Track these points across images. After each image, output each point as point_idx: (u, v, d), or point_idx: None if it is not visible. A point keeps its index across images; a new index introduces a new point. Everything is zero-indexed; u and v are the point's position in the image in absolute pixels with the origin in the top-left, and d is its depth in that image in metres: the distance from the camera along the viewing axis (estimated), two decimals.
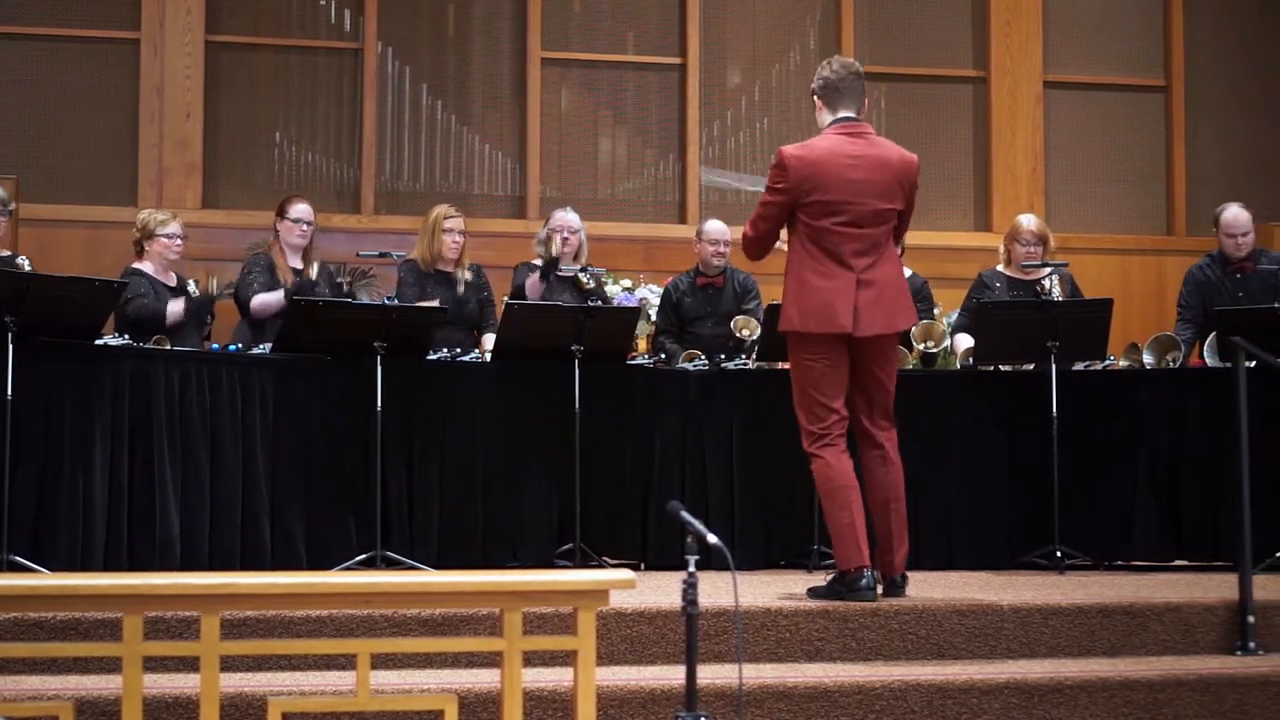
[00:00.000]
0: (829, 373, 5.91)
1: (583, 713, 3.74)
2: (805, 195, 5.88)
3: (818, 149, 5.95)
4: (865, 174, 5.92)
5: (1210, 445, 7.69)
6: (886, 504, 6.01)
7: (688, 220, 11.21)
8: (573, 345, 7.48)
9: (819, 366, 5.91)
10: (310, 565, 7.13)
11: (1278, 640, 5.78)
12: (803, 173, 5.89)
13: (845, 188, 5.88)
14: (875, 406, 6.04)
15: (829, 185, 5.87)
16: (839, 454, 5.90)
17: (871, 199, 5.91)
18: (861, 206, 5.89)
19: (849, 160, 5.92)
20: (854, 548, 5.82)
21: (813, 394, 5.93)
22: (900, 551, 6.01)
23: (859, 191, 5.89)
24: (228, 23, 11.11)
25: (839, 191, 5.87)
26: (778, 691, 5.02)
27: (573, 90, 11.62)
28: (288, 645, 5.05)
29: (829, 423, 5.90)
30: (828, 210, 5.87)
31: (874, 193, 5.92)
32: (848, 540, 5.83)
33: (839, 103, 6.05)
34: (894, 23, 11.95)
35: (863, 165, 5.93)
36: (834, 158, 5.91)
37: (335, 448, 7.29)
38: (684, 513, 4.37)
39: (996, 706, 5.15)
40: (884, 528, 6.01)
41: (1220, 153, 12.22)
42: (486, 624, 5.28)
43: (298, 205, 8.15)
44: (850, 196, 5.88)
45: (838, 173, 5.88)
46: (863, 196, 5.89)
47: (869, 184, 5.91)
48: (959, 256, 10.88)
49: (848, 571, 5.83)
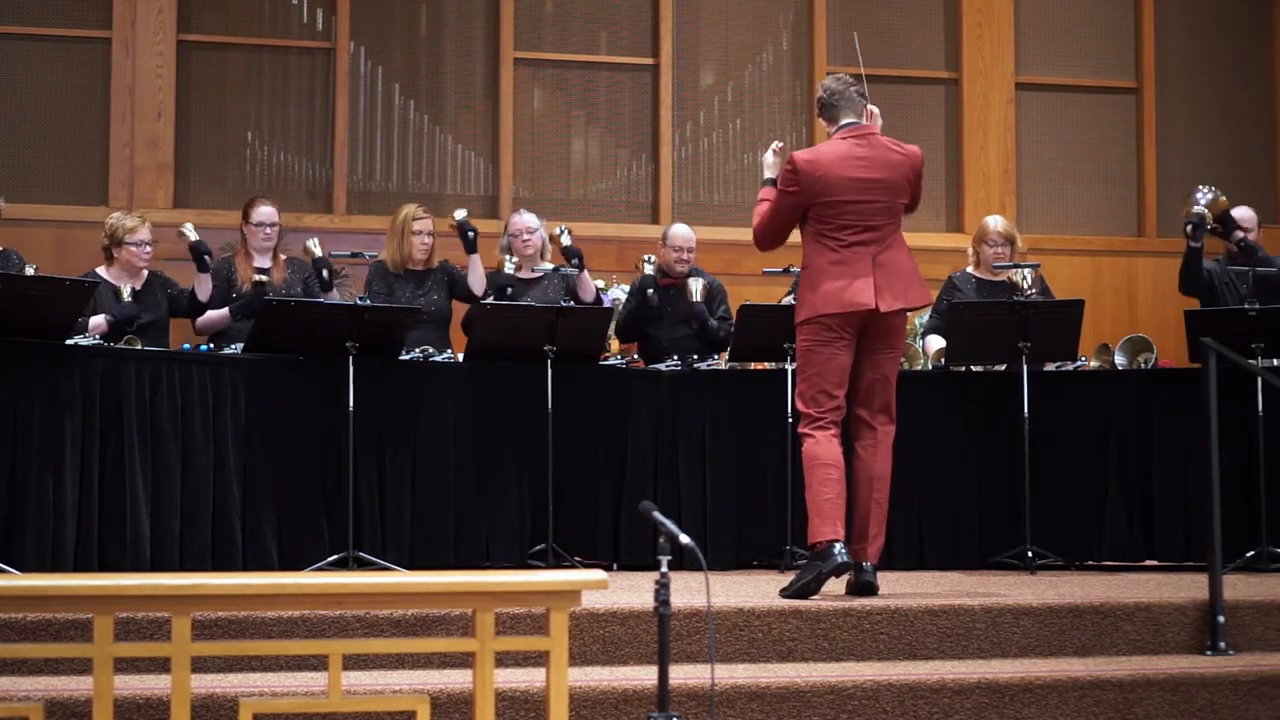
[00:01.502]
0: (836, 360, 6.09)
1: (555, 713, 3.74)
2: (816, 197, 6.12)
3: (826, 153, 6.23)
4: (872, 174, 6.16)
5: (1181, 446, 7.73)
6: (870, 490, 6.14)
7: (660, 221, 11.20)
8: (545, 345, 7.48)
9: (827, 352, 6.08)
10: (282, 566, 7.12)
11: (1248, 640, 5.81)
12: (813, 175, 6.12)
13: (854, 188, 6.12)
14: (877, 399, 6.20)
15: (838, 187, 6.11)
16: (830, 436, 6.08)
17: (879, 197, 6.15)
18: (870, 205, 6.13)
19: (856, 162, 6.16)
20: (830, 521, 5.96)
21: (819, 381, 6.10)
22: (876, 542, 6.12)
23: (867, 191, 6.13)
24: (199, 22, 11.07)
25: (848, 192, 6.11)
26: (750, 692, 5.03)
27: (545, 91, 11.61)
28: (259, 646, 5.04)
29: (827, 408, 6.10)
30: (838, 211, 6.11)
31: (882, 191, 6.16)
32: (826, 513, 5.98)
33: (840, 114, 6.30)
34: (866, 24, 11.93)
35: (869, 166, 6.17)
36: (841, 161, 6.16)
37: (307, 448, 7.28)
38: (656, 513, 4.37)
39: (968, 706, 5.16)
40: (863, 514, 6.13)
41: (1191, 154, 12.27)
42: (459, 624, 5.27)
43: (260, 208, 8.12)
44: (859, 196, 6.11)
45: (845, 175, 6.12)
46: (871, 195, 6.13)
47: (877, 183, 6.16)
48: (931, 257, 10.86)
49: (818, 544, 5.95)
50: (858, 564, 6.04)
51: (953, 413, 7.98)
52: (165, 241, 8.69)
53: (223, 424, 7.13)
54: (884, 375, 6.19)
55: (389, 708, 4.09)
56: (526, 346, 7.49)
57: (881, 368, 6.18)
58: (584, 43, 11.65)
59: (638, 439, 7.77)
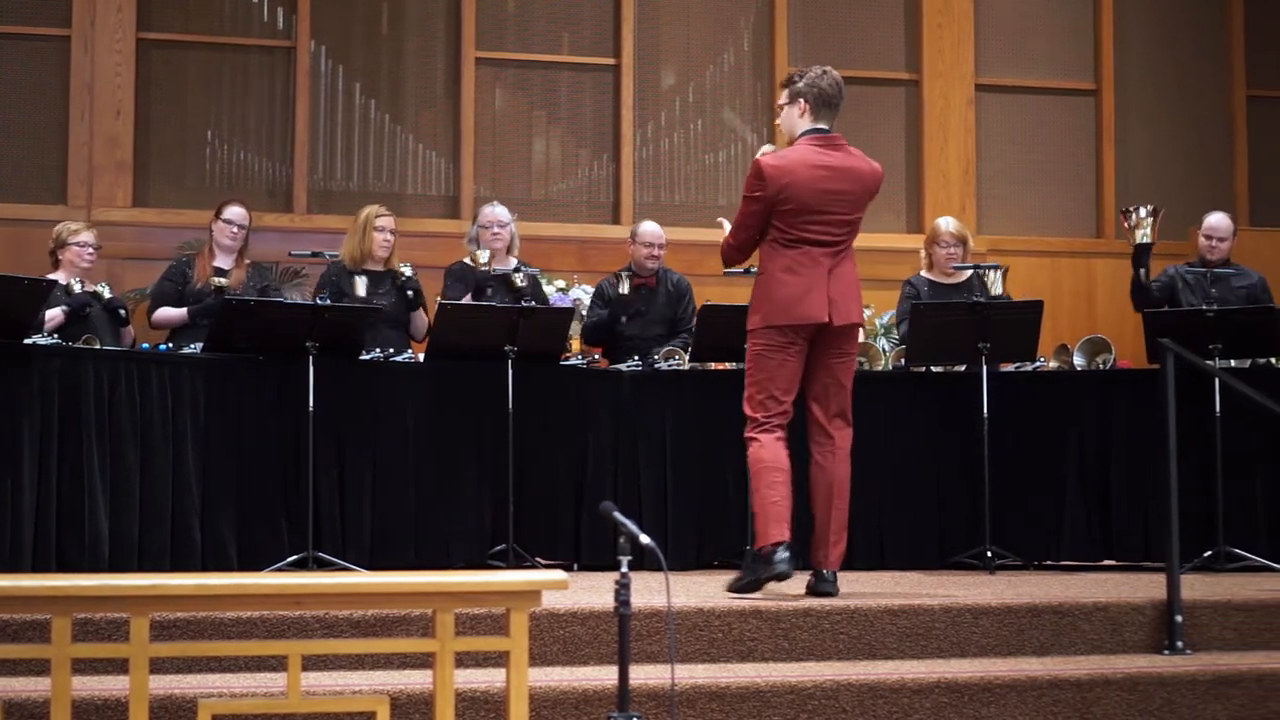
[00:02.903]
0: (787, 366, 6.07)
1: (515, 713, 3.74)
2: (781, 203, 6.06)
3: (792, 159, 6.14)
4: (838, 184, 6.10)
5: (1139, 446, 7.77)
6: (830, 497, 6.13)
7: (622, 221, 11.21)
8: (506, 345, 7.47)
9: (778, 359, 6.06)
10: (241, 566, 7.09)
11: (1205, 639, 5.84)
12: (779, 181, 6.06)
13: (818, 197, 6.06)
14: (833, 404, 6.17)
15: (802, 194, 6.05)
16: (775, 440, 6.06)
17: (841, 208, 6.11)
18: (832, 215, 6.09)
19: (823, 171, 6.10)
20: (775, 523, 5.97)
21: (768, 387, 6.08)
22: (836, 548, 6.11)
23: (831, 200, 6.08)
24: (159, 20, 11.02)
25: (812, 200, 6.05)
26: (710, 691, 5.03)
27: (507, 90, 11.60)
28: (218, 647, 5.02)
29: (774, 413, 6.07)
30: (801, 217, 6.06)
31: (844, 201, 6.12)
32: (771, 515, 5.98)
33: (822, 115, 6.21)
34: (828, 25, 11.99)
35: (836, 176, 6.11)
36: (808, 168, 6.09)
37: (267, 448, 7.25)
38: (617, 513, 4.37)
39: (927, 706, 5.17)
40: (823, 521, 6.13)
41: (1149, 156, 12.34)
42: (419, 625, 5.26)
43: (231, 208, 8.21)
44: (822, 205, 6.07)
45: (811, 182, 6.07)
46: (834, 205, 6.09)
47: (840, 194, 6.11)
48: (891, 258, 10.94)
49: (763, 548, 5.95)
50: (818, 570, 6.06)
51: (912, 413, 8.01)
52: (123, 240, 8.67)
53: (182, 424, 7.10)
54: (839, 381, 6.17)
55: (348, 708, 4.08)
56: (487, 346, 7.48)
57: (836, 373, 6.16)
58: (545, 43, 11.65)
59: (599, 439, 7.77)
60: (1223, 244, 8.30)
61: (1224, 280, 8.21)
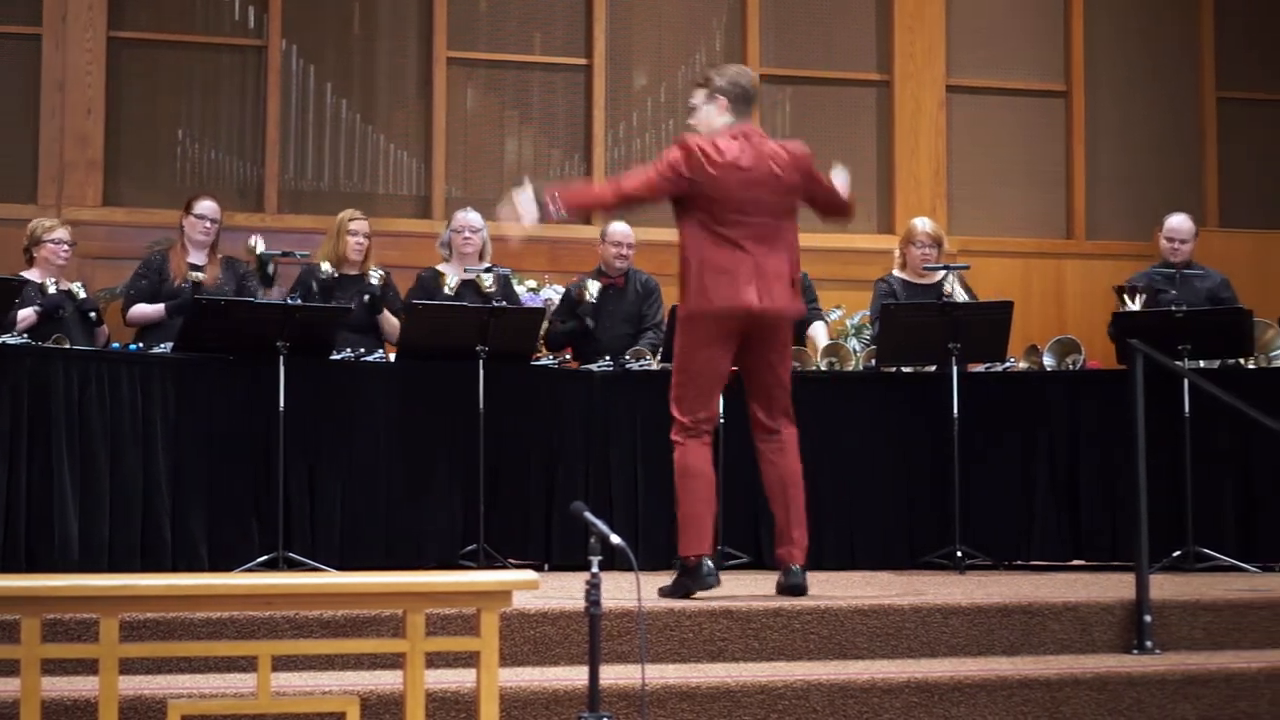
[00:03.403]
0: (714, 363, 6.01)
1: (485, 714, 3.74)
2: (702, 186, 5.99)
3: (720, 145, 6.06)
4: (761, 172, 6.04)
5: (1108, 446, 7.80)
6: (785, 491, 6.10)
7: (592, 221, 11.21)
8: (477, 345, 7.47)
9: (705, 355, 6.00)
10: (212, 566, 7.08)
11: (1174, 639, 5.86)
12: (705, 166, 5.99)
13: (742, 187, 6.00)
14: (774, 403, 6.13)
15: (727, 184, 5.99)
16: (701, 445, 6.01)
17: (766, 192, 6.04)
18: (757, 202, 6.02)
19: (747, 160, 6.04)
20: (697, 537, 5.94)
21: (696, 383, 6.02)
22: (800, 544, 6.08)
23: (755, 188, 6.02)
24: (130, 18, 10.99)
25: (736, 189, 6.00)
26: (680, 692, 5.03)
27: (479, 90, 11.60)
28: (188, 647, 5.00)
29: (700, 418, 6.02)
30: (724, 204, 6.00)
31: (770, 189, 6.05)
32: (692, 529, 5.95)
33: (740, 112, 6.17)
34: (799, 26, 12.01)
35: (760, 164, 6.05)
36: (734, 157, 6.03)
37: (237, 448, 7.24)
38: (587, 513, 4.38)
39: (897, 705, 5.18)
40: (782, 516, 6.11)
41: (1119, 158, 12.39)
42: (389, 625, 5.25)
43: (203, 202, 8.14)
44: (746, 191, 6.01)
45: (736, 172, 6.01)
46: (759, 192, 6.02)
47: (765, 182, 6.04)
48: (862, 259, 10.97)
49: (687, 562, 5.94)
50: (785, 567, 6.05)
51: (883, 413, 8.03)
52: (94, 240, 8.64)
53: (152, 423, 7.09)
54: (779, 378, 6.12)
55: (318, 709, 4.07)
56: (458, 346, 7.48)
57: (775, 370, 6.11)
58: (518, 43, 11.65)
59: (570, 439, 7.77)
60: (1184, 245, 8.34)
61: (1187, 281, 8.25)
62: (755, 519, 7.64)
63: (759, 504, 7.55)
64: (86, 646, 4.02)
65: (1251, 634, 5.96)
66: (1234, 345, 7.79)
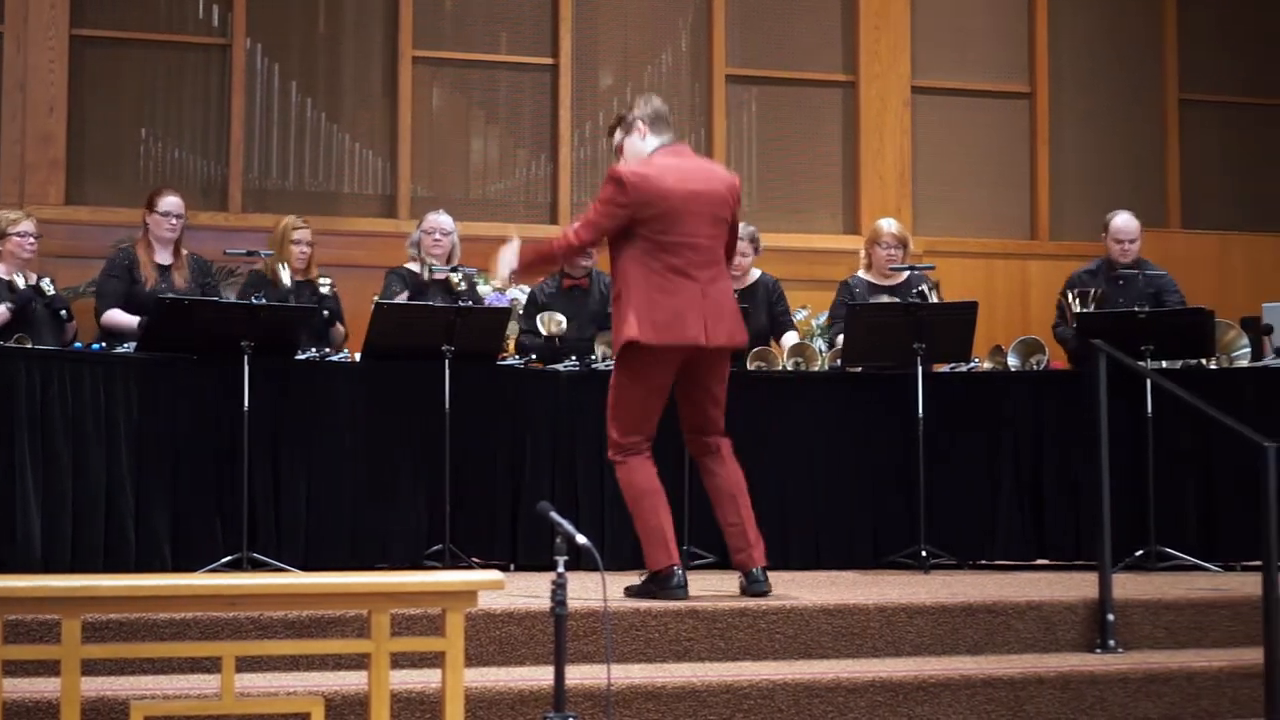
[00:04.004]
0: (656, 391, 6.05)
1: (450, 714, 3.74)
2: (645, 209, 5.99)
3: (654, 166, 6.09)
4: (699, 185, 6.08)
5: (1072, 446, 7.83)
6: (734, 498, 6.13)
7: (559, 221, 11.21)
8: (443, 345, 7.45)
9: (648, 385, 6.02)
10: (175, 567, 7.05)
11: (1137, 638, 5.90)
12: (642, 189, 6.00)
13: (684, 200, 6.01)
14: (709, 422, 6.18)
15: (669, 199, 6.00)
16: (643, 460, 6.06)
17: (707, 208, 6.06)
18: (699, 216, 6.03)
19: (681, 175, 6.07)
20: (663, 548, 5.96)
21: (636, 409, 6.04)
22: (758, 546, 6.11)
23: (696, 201, 6.04)
24: (93, 17, 10.93)
25: (678, 203, 6.00)
26: (646, 691, 5.04)
27: (444, 90, 11.58)
28: (151, 648, 4.99)
29: (639, 439, 6.05)
30: (669, 224, 5.99)
31: (709, 202, 6.07)
32: (657, 542, 5.97)
33: (661, 129, 6.19)
34: (765, 26, 12.03)
35: (696, 178, 6.09)
36: (669, 173, 6.06)
37: (201, 448, 7.21)
38: (553, 513, 4.38)
39: (862, 704, 5.20)
40: (735, 524, 6.13)
41: (1083, 159, 12.45)
42: (354, 626, 5.25)
43: (167, 198, 8.04)
44: (689, 208, 6.02)
45: (676, 186, 6.02)
46: (700, 206, 6.04)
47: (704, 195, 6.07)
48: (827, 259, 10.99)
49: (659, 571, 5.95)
50: (747, 571, 6.07)
51: (848, 413, 8.04)
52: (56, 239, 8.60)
53: (115, 423, 7.05)
54: (716, 400, 6.15)
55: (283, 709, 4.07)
56: (424, 346, 7.46)
57: (714, 393, 6.14)
58: (483, 42, 11.63)
59: (536, 439, 7.76)
60: (1133, 245, 8.37)
61: (1131, 281, 8.27)
62: None
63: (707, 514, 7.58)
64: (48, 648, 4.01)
65: (1213, 633, 6.00)
66: (1196, 346, 7.83)
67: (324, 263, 8.60)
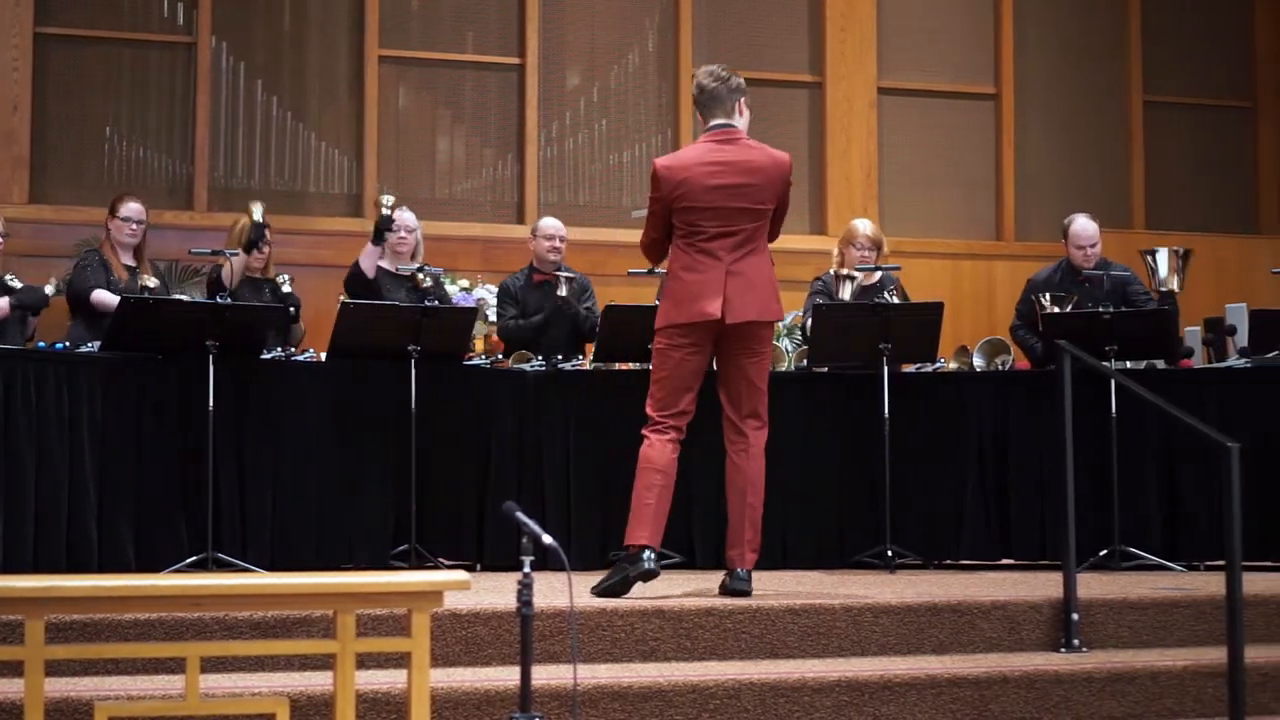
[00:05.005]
0: (686, 365, 6.13)
1: (416, 715, 3.73)
2: (677, 201, 6.12)
3: (686, 158, 6.24)
4: (732, 178, 6.14)
5: (1037, 447, 7.86)
6: (743, 495, 6.17)
7: (526, 221, 11.20)
8: (409, 345, 7.44)
9: (677, 357, 6.12)
10: (139, 567, 7.02)
11: (1101, 637, 5.92)
12: (672, 180, 6.13)
13: (712, 193, 6.10)
14: (744, 404, 6.21)
15: (696, 191, 6.10)
16: (665, 441, 6.12)
17: (738, 201, 6.13)
18: (727, 209, 6.12)
19: (716, 166, 6.14)
20: (644, 527, 6.04)
21: (667, 384, 6.15)
22: (751, 548, 6.15)
23: (726, 195, 6.12)
24: (58, 15, 10.88)
25: (706, 196, 6.10)
26: (612, 691, 5.04)
27: (411, 89, 11.56)
28: (115, 649, 4.97)
29: (670, 413, 6.13)
30: (696, 213, 6.12)
31: (741, 196, 6.14)
32: (643, 518, 6.06)
33: (712, 111, 6.26)
34: (732, 27, 12.04)
35: (730, 170, 6.15)
36: (701, 165, 6.15)
37: (166, 448, 7.18)
38: (519, 513, 4.37)
39: (828, 704, 5.21)
40: (738, 520, 6.18)
41: (1048, 160, 12.50)
42: (320, 626, 5.23)
43: (128, 204, 8.04)
44: (717, 200, 6.11)
45: (704, 178, 6.12)
46: (730, 199, 6.12)
47: (735, 188, 6.13)
48: (794, 259, 10.99)
49: (630, 546, 6.02)
50: (732, 570, 6.10)
51: (814, 413, 8.05)
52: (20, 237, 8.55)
53: (79, 423, 7.01)
54: (750, 380, 6.19)
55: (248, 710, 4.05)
56: (390, 345, 7.45)
57: (746, 373, 6.19)
58: (450, 41, 11.62)
59: (502, 439, 7.75)
60: (1094, 250, 8.38)
61: (1096, 282, 8.29)
62: (689, 520, 7.65)
63: (695, 505, 7.59)
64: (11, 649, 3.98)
65: (1176, 632, 6.03)
66: (1160, 346, 7.87)
67: (290, 262, 8.60)
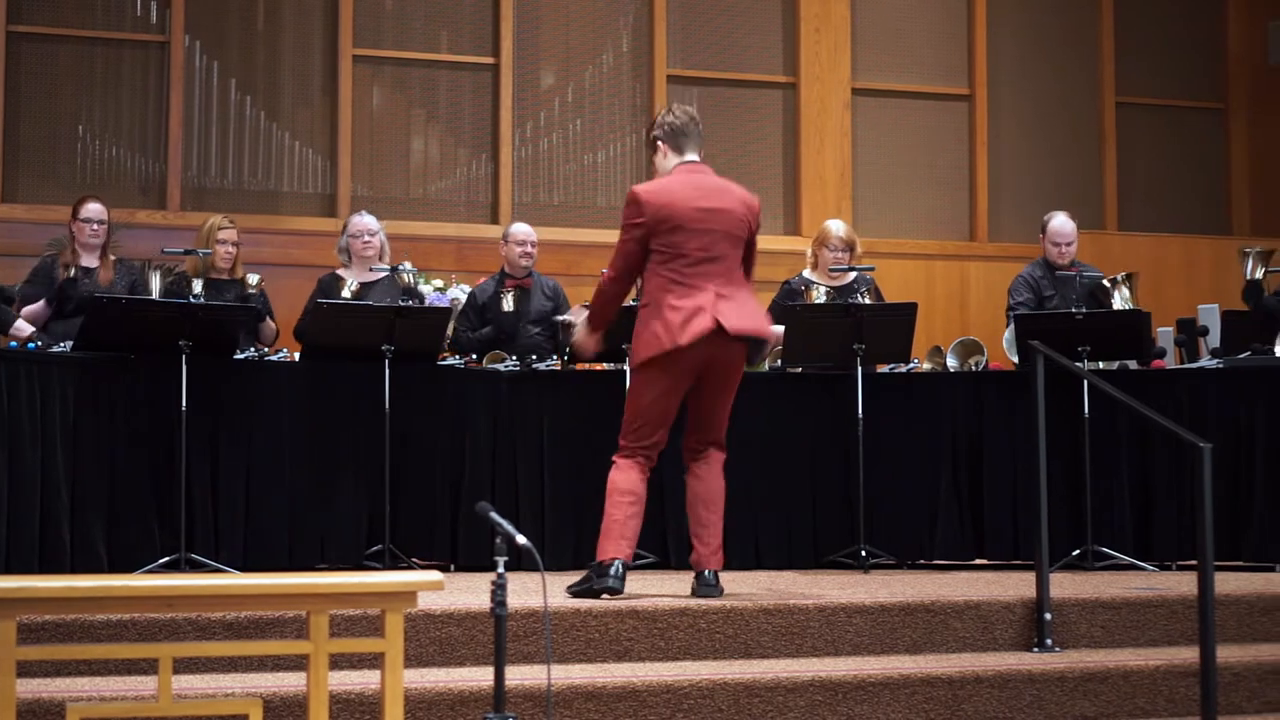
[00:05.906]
0: (664, 402, 6.12)
1: (390, 715, 3.72)
2: (661, 224, 6.09)
3: (666, 183, 6.23)
4: (714, 203, 6.16)
5: (1010, 447, 7.88)
6: (707, 511, 6.22)
7: (500, 221, 11.19)
8: (383, 345, 7.43)
9: (657, 393, 6.10)
10: (112, 568, 6.99)
11: (1073, 637, 5.94)
12: (656, 203, 6.11)
13: (698, 217, 6.11)
14: (710, 432, 6.25)
15: (682, 216, 6.09)
16: (632, 465, 6.15)
17: (722, 225, 6.15)
18: (714, 232, 6.12)
19: (698, 192, 6.16)
20: (613, 541, 6.05)
21: (643, 417, 6.14)
22: (716, 553, 6.17)
23: (711, 219, 6.13)
24: (29, 13, 10.84)
25: (692, 221, 6.10)
26: (586, 692, 5.04)
27: (385, 88, 11.55)
28: (88, 650, 4.95)
29: (642, 444, 6.15)
30: (682, 234, 6.09)
31: (724, 220, 6.16)
32: (612, 534, 6.07)
33: (684, 146, 6.28)
34: (706, 28, 12.06)
35: (711, 196, 6.17)
36: (684, 190, 6.16)
37: (138, 448, 7.16)
38: (493, 514, 4.37)
39: (802, 704, 5.22)
40: (701, 529, 6.21)
41: (1022, 161, 12.54)
42: (293, 627, 5.22)
43: (88, 205, 8.04)
44: (703, 225, 6.11)
45: (689, 203, 6.12)
46: (714, 223, 6.13)
47: (719, 212, 6.15)
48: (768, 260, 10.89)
49: (601, 560, 6.03)
50: (699, 573, 6.13)
51: (788, 414, 8.06)
52: None
53: (51, 423, 6.99)
54: (718, 413, 6.24)
55: (221, 711, 4.04)
56: (364, 346, 7.44)
57: (715, 404, 6.22)
58: (424, 41, 11.61)
59: (476, 439, 7.74)
60: (1070, 248, 8.42)
61: (1068, 282, 8.31)
62: (663, 520, 7.65)
63: (668, 505, 7.58)
64: None
65: (1149, 632, 6.05)
66: (1132, 347, 7.90)
67: (264, 261, 8.58)
